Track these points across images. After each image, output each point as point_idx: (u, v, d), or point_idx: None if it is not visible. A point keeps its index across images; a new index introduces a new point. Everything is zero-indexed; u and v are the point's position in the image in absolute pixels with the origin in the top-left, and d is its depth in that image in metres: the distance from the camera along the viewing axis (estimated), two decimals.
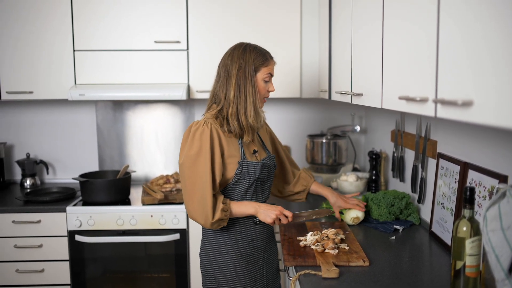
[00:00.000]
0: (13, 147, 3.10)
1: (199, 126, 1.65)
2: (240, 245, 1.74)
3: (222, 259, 1.73)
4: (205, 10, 2.68)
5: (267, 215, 1.67)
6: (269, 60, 1.74)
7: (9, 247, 2.51)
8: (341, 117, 3.16)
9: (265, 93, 1.75)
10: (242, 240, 1.74)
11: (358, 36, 1.86)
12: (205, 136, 1.62)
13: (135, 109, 3.06)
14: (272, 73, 1.76)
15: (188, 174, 1.62)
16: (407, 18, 1.32)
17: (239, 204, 1.69)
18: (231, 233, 1.74)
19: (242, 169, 1.68)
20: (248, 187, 1.72)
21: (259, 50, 1.74)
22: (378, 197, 2.13)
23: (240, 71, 1.68)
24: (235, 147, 1.69)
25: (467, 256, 1.22)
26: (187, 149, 1.63)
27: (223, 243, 1.73)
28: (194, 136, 1.63)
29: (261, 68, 1.71)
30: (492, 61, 0.86)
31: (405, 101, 1.31)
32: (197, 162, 1.61)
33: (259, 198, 1.79)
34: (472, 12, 0.94)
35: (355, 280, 1.47)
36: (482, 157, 1.61)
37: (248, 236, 1.76)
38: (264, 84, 1.73)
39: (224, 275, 1.73)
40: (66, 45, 2.66)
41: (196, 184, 1.61)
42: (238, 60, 1.70)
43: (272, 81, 1.79)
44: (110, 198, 2.56)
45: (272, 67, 1.76)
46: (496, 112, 0.84)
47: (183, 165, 1.64)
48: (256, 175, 1.71)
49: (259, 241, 1.79)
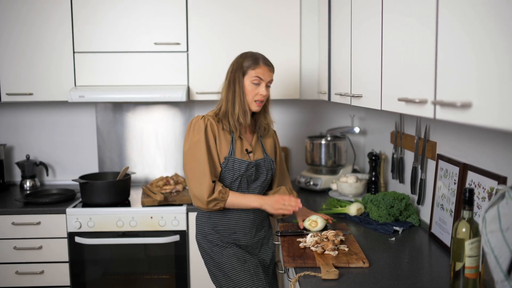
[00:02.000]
0: (13, 149, 3.10)
1: (198, 119, 1.89)
2: (222, 234, 1.93)
3: (208, 243, 1.94)
4: (205, 11, 2.68)
5: (272, 207, 1.87)
6: (259, 64, 1.88)
7: (9, 249, 2.51)
8: (341, 118, 3.16)
9: (254, 96, 1.88)
10: (223, 231, 1.94)
11: (358, 38, 1.87)
12: (202, 127, 1.86)
13: (135, 111, 3.07)
14: (263, 77, 1.88)
15: (190, 158, 1.86)
16: (406, 19, 1.33)
17: (243, 195, 1.89)
18: (212, 221, 1.95)
19: (227, 163, 1.88)
20: (232, 181, 1.91)
21: (252, 55, 1.91)
22: (377, 198, 2.13)
23: (232, 73, 1.90)
24: (227, 143, 1.90)
25: (467, 257, 1.23)
26: (190, 137, 1.87)
27: (207, 230, 1.95)
28: (194, 127, 1.88)
29: (248, 70, 1.88)
30: (491, 63, 0.86)
31: (404, 102, 1.31)
32: (196, 148, 1.85)
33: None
34: (471, 14, 0.94)
35: (355, 282, 1.47)
36: (481, 158, 1.61)
37: (229, 228, 1.94)
38: (252, 87, 1.87)
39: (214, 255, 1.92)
40: (66, 47, 2.67)
41: (195, 166, 1.84)
42: (233, 64, 1.93)
43: (265, 86, 1.90)
44: (110, 199, 2.56)
45: (263, 71, 1.88)
46: (495, 114, 0.84)
47: (187, 152, 1.87)
48: (240, 172, 1.89)
49: (240, 235, 1.95)
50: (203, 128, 1.85)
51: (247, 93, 1.88)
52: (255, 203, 1.88)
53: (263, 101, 1.92)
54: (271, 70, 1.92)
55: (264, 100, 1.92)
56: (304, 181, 2.81)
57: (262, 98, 1.90)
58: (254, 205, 1.88)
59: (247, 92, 1.88)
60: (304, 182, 2.80)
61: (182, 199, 2.59)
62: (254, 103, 1.90)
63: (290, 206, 1.86)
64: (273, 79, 1.95)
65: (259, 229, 2.00)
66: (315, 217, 1.95)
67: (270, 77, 1.92)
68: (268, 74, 1.90)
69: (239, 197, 1.88)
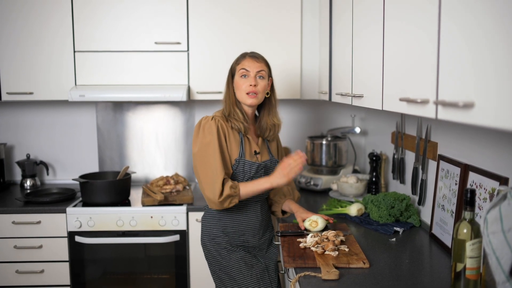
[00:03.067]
0: (13, 148, 3.10)
1: (207, 120, 1.86)
2: (231, 237, 1.92)
3: (214, 245, 1.92)
4: (206, 11, 2.68)
5: (283, 176, 1.80)
6: (245, 58, 1.91)
7: (9, 248, 2.51)
8: (341, 118, 3.16)
9: (245, 88, 1.87)
10: (233, 234, 1.92)
11: (359, 37, 1.86)
12: (213, 129, 1.83)
13: (135, 110, 3.06)
14: (249, 68, 1.87)
15: (202, 160, 1.82)
16: (408, 19, 1.32)
17: (252, 182, 1.85)
18: (222, 224, 1.92)
19: (238, 165, 1.86)
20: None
21: (242, 53, 1.95)
22: (378, 199, 2.13)
23: (228, 76, 1.95)
24: (236, 145, 1.87)
25: (468, 258, 1.22)
26: (200, 138, 1.84)
27: (215, 232, 1.93)
28: (204, 128, 1.85)
29: (236, 67, 1.92)
30: (493, 62, 0.86)
31: (406, 102, 1.31)
32: (207, 149, 1.81)
33: (255, 197, 1.93)
34: (473, 14, 0.94)
35: (355, 282, 1.46)
36: (482, 159, 1.60)
37: (239, 230, 1.92)
38: (242, 81, 1.88)
39: (220, 260, 1.90)
40: (66, 46, 2.66)
41: (207, 169, 1.81)
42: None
43: (254, 77, 1.87)
44: (110, 199, 2.56)
45: (248, 63, 1.89)
46: (497, 114, 0.84)
47: (197, 153, 1.83)
48: (251, 174, 1.88)
49: (249, 236, 1.93)
50: (214, 129, 1.82)
51: (238, 88, 1.88)
52: (266, 184, 1.82)
53: (256, 93, 1.86)
54: (258, 61, 1.88)
55: (256, 91, 1.86)
56: (304, 181, 2.81)
57: (252, 89, 1.85)
58: (266, 186, 1.82)
59: (238, 87, 1.88)
60: (305, 182, 2.80)
61: (182, 199, 2.58)
62: (246, 96, 1.87)
63: (297, 163, 1.80)
64: (264, 70, 1.89)
65: (266, 230, 2.00)
66: (315, 217, 1.95)
67: (258, 68, 1.87)
68: (254, 64, 1.87)
69: (249, 185, 1.83)
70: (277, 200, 2.10)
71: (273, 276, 1.94)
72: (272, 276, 1.94)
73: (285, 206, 2.08)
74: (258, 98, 1.88)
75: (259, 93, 1.88)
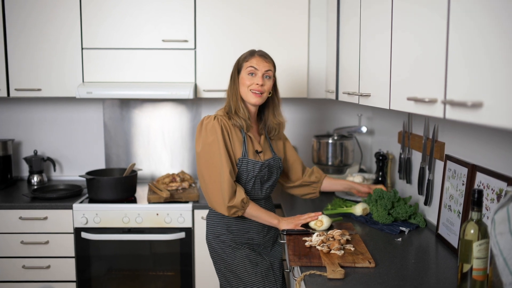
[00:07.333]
0: (21, 144, 3.12)
1: (210, 120, 1.86)
2: (236, 235, 1.93)
3: (219, 243, 1.93)
4: (213, 9, 2.68)
5: (291, 223, 1.89)
6: (254, 55, 1.90)
7: (16, 243, 2.53)
8: (348, 118, 3.15)
9: (250, 85, 1.87)
10: (237, 232, 1.93)
11: (367, 36, 1.86)
12: (217, 128, 1.82)
13: (142, 108, 3.07)
14: (257, 67, 1.87)
15: (206, 161, 1.82)
16: (416, 18, 1.32)
17: (263, 209, 1.89)
18: (226, 221, 1.93)
19: (241, 165, 1.87)
20: (245, 182, 1.90)
21: (249, 50, 1.94)
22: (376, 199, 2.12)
23: (232, 71, 1.94)
24: (239, 144, 1.87)
25: (474, 259, 1.22)
26: (203, 138, 1.83)
27: (220, 230, 1.94)
28: (207, 128, 1.84)
29: (243, 63, 1.90)
30: (502, 62, 0.85)
31: (414, 102, 1.30)
32: (211, 149, 1.81)
33: (258, 194, 1.95)
34: (483, 12, 0.93)
35: (361, 281, 1.46)
36: (490, 159, 1.59)
37: (243, 228, 1.94)
38: (248, 78, 1.88)
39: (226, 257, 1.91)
40: (74, 43, 2.68)
41: (212, 170, 1.81)
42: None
43: (261, 76, 1.88)
44: (116, 196, 2.57)
45: (257, 61, 1.88)
46: (506, 114, 0.83)
47: (201, 153, 1.83)
48: (254, 173, 1.89)
49: (254, 233, 1.95)
50: (218, 129, 1.82)
51: (243, 84, 1.88)
52: (274, 220, 1.90)
53: (262, 92, 1.88)
54: (267, 61, 1.90)
55: (262, 91, 1.87)
56: None
57: (258, 88, 1.86)
58: (273, 221, 1.90)
59: (243, 83, 1.88)
60: None
61: (188, 196, 2.59)
62: (251, 93, 1.87)
63: (308, 217, 1.92)
64: (271, 70, 1.90)
65: (270, 227, 2.01)
66: (320, 216, 1.95)
67: (266, 67, 1.88)
68: (263, 64, 1.88)
69: (259, 210, 1.88)
70: (314, 178, 2.16)
71: (277, 274, 1.95)
72: (277, 274, 1.94)
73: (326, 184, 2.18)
74: (263, 97, 1.90)
75: (265, 93, 1.90)
